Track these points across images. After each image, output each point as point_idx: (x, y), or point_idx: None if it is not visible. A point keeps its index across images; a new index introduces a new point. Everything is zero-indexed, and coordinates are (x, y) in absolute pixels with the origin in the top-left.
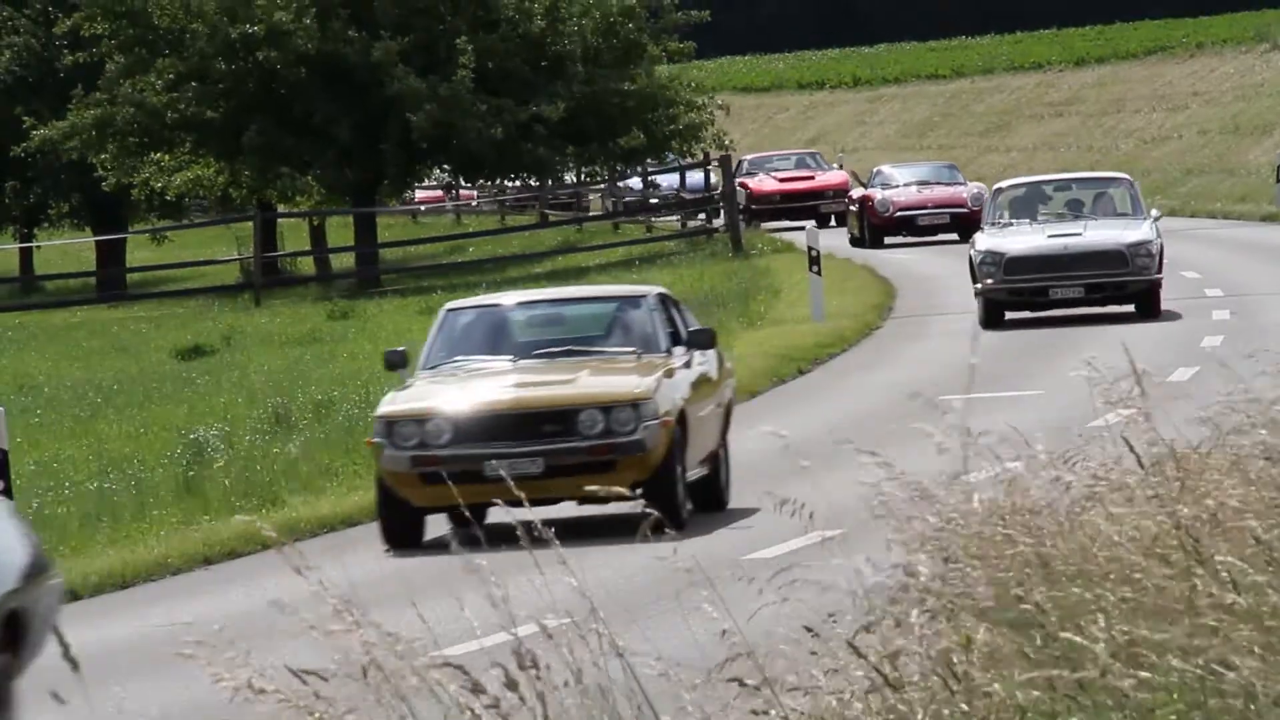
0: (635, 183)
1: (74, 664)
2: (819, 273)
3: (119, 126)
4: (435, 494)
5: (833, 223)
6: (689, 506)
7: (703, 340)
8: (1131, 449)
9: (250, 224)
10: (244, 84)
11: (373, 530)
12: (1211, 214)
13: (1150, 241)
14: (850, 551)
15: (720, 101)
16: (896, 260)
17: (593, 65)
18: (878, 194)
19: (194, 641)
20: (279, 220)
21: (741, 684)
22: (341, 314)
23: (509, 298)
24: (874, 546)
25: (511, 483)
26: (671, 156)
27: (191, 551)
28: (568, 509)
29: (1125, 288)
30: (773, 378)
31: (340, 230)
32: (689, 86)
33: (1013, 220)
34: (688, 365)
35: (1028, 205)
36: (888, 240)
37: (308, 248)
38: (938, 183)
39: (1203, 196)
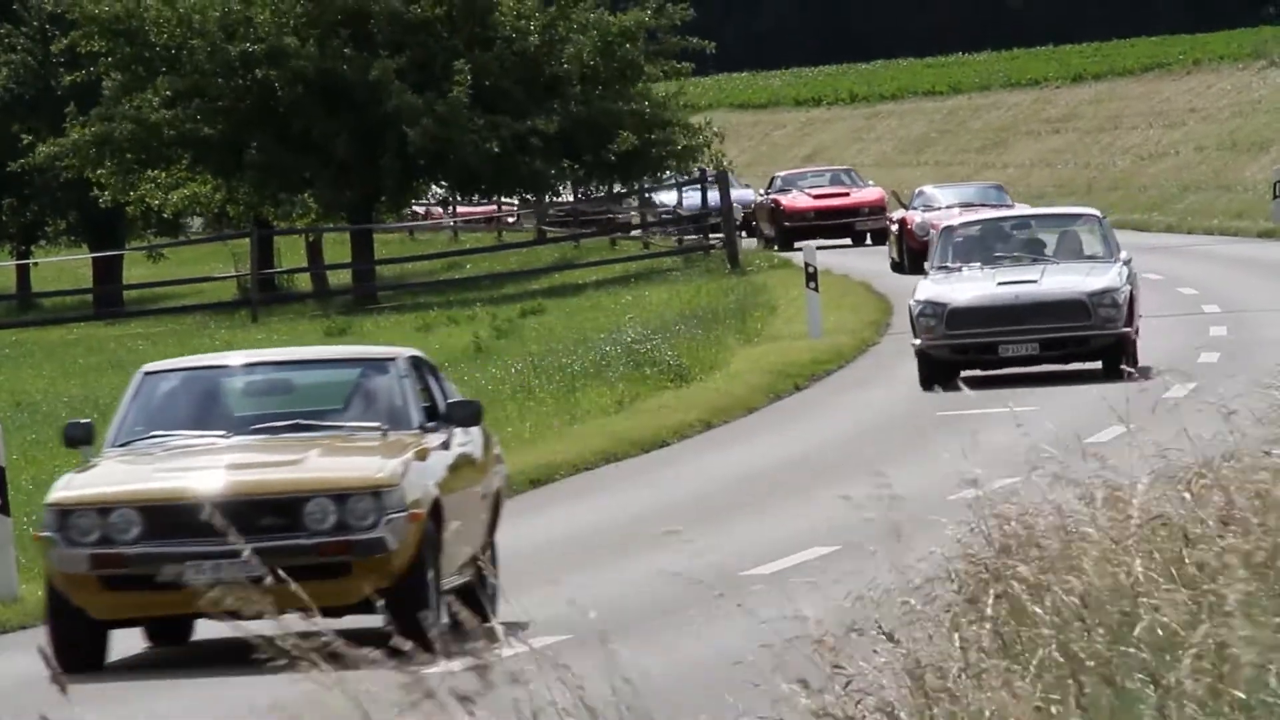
0: (669, 197)
1: (62, 687)
2: (816, 289)
3: (118, 143)
4: (121, 603)
5: (868, 241)
6: (444, 620)
7: (465, 415)
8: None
9: (247, 241)
10: (242, 101)
11: None
12: (1208, 230)
13: (1117, 289)
14: (850, 567)
15: (716, 128)
16: (894, 277)
17: (590, 85)
18: (916, 217)
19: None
20: (276, 237)
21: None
22: (339, 331)
23: (225, 359)
24: (872, 562)
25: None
26: (669, 174)
27: None
28: (288, 621)
29: (1087, 343)
30: (769, 394)
31: (337, 247)
32: (685, 108)
33: (963, 264)
34: (445, 445)
35: (982, 246)
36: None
37: (305, 264)
38: (983, 204)
39: (1200, 213)
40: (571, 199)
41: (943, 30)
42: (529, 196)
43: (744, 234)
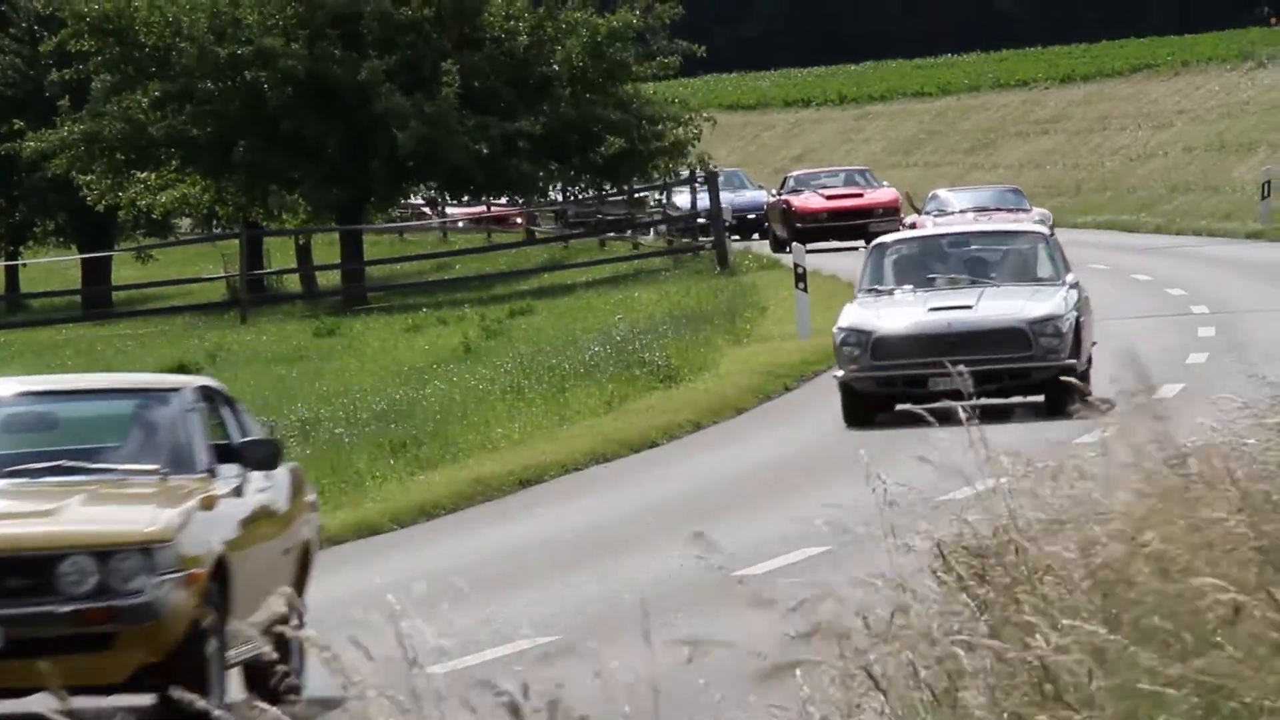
0: (683, 200)
1: None
2: (805, 289)
3: (107, 142)
4: None
5: None
6: (230, 698)
7: (261, 456)
8: None
9: (236, 242)
10: (231, 103)
11: (354, 549)
12: (1197, 231)
13: (1060, 316)
14: (841, 568)
15: (706, 115)
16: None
17: (579, 86)
18: (926, 222)
19: None
20: (265, 238)
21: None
22: (328, 331)
23: None
24: (862, 563)
25: None
26: (658, 176)
27: None
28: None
29: (1028, 376)
30: (759, 395)
31: (326, 248)
32: (675, 102)
33: (894, 287)
34: (238, 492)
35: (917, 267)
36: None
37: (294, 265)
38: (998, 209)
39: (1188, 214)
40: (560, 199)
41: (935, 34)
42: (518, 199)
43: (756, 236)
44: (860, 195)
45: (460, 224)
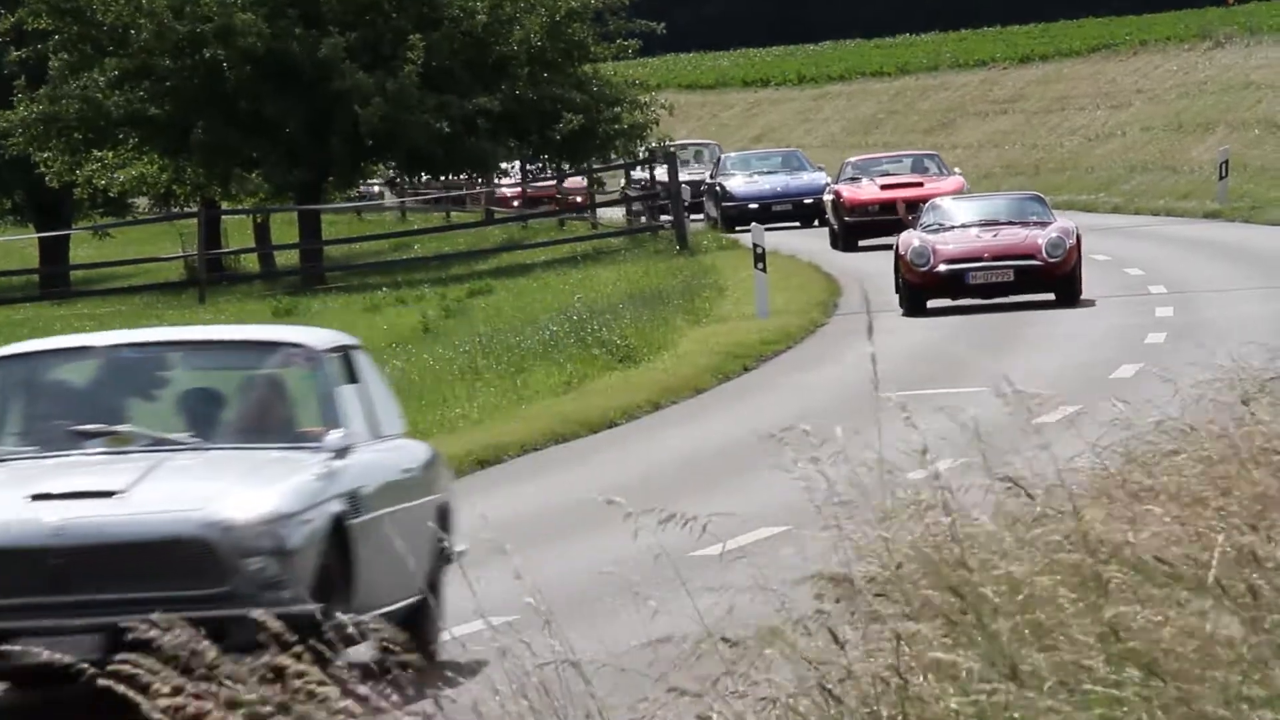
0: (734, 184)
1: None
2: (764, 269)
3: (66, 122)
4: None
5: None
6: None
7: None
8: None
9: (194, 221)
10: (190, 81)
11: None
12: (1155, 211)
13: (288, 516)
14: (795, 548)
15: (664, 101)
16: (844, 257)
17: (536, 66)
18: (914, 239)
19: None
20: (223, 217)
21: (682, 692)
22: (286, 311)
23: None
24: (818, 544)
25: None
26: (616, 156)
27: None
28: None
29: (246, 632)
30: (717, 375)
31: (285, 227)
32: (634, 85)
33: (10, 449)
34: None
35: (61, 409)
36: (931, 304)
37: (252, 245)
38: (1010, 223)
39: (1146, 194)
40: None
41: (894, 13)
42: (477, 177)
43: (816, 223)
44: (919, 185)
45: (516, 203)
